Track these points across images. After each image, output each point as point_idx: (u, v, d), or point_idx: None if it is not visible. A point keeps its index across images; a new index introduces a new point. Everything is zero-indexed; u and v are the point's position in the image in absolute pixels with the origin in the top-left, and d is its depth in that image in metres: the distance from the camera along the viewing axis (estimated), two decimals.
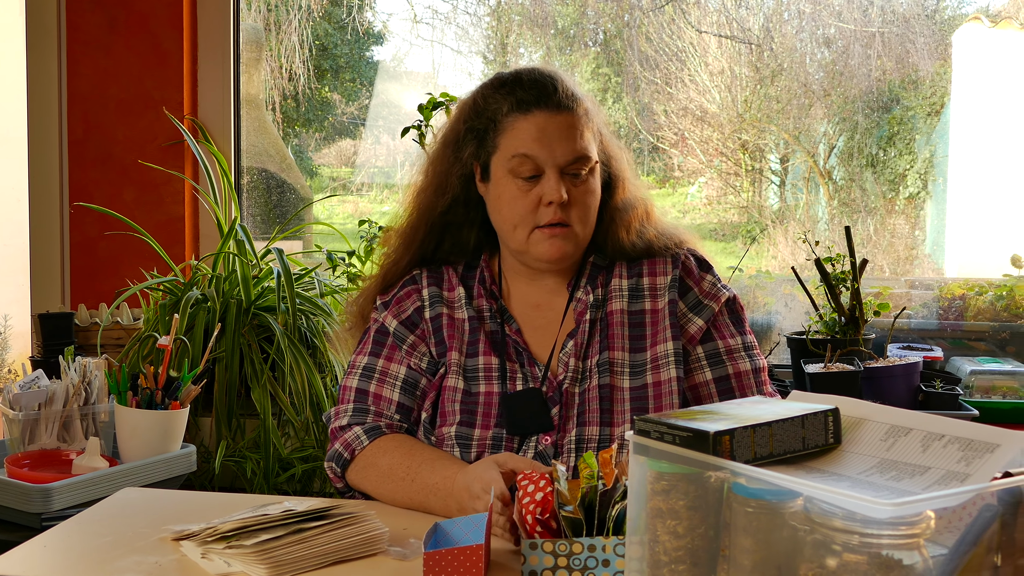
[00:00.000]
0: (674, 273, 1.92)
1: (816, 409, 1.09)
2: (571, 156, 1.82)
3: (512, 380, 1.86)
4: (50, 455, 2.33)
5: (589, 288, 1.92)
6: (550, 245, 1.84)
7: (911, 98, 3.98)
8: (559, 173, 1.82)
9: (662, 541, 1.06)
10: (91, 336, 3.02)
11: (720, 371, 1.90)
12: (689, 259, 1.96)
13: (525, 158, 1.82)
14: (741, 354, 1.92)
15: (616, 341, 1.88)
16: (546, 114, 1.83)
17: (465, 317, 1.92)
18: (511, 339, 1.90)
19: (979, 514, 0.94)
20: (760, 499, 0.99)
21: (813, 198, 4.23)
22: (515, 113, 1.84)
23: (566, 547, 1.34)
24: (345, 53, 4.41)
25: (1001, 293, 3.47)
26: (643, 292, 1.92)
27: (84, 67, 3.43)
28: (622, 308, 1.90)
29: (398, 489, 1.78)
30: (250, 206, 3.85)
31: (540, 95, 1.84)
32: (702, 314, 1.91)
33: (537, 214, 1.83)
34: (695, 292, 1.93)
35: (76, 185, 3.45)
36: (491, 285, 1.96)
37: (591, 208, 1.87)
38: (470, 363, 1.88)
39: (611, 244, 1.94)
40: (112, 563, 1.48)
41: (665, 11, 4.19)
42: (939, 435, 1.02)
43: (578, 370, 1.86)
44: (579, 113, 1.85)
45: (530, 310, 1.94)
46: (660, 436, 1.06)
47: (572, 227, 1.84)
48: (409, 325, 1.95)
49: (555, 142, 1.81)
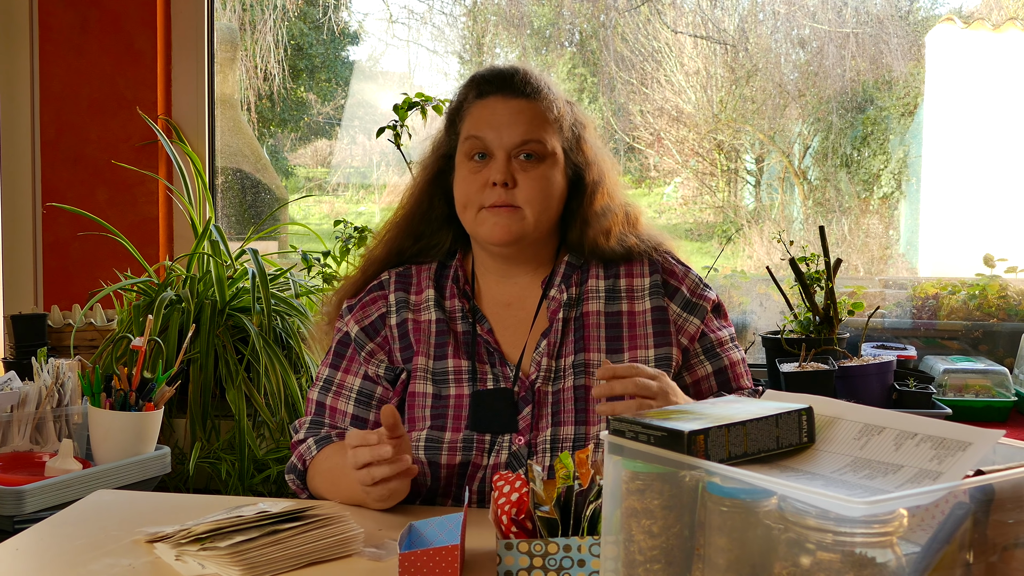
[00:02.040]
0: (654, 277, 1.93)
1: (790, 408, 1.09)
2: (518, 139, 1.84)
3: (483, 381, 1.86)
4: (22, 457, 2.31)
5: (563, 287, 1.92)
6: (494, 224, 1.85)
7: (885, 98, 4.00)
8: (507, 156, 1.85)
9: (637, 540, 1.06)
10: (64, 337, 3.00)
11: (717, 363, 1.94)
12: (668, 261, 1.97)
13: (476, 139, 1.87)
14: (730, 345, 1.97)
15: (592, 342, 1.88)
16: (500, 99, 1.87)
17: (432, 319, 1.92)
18: (482, 339, 1.89)
19: (951, 512, 0.95)
20: (734, 498, 0.99)
21: (788, 198, 4.25)
22: (475, 100, 1.90)
23: (541, 547, 1.34)
24: (321, 53, 4.39)
25: (974, 292, 3.50)
26: (620, 294, 1.92)
27: (56, 67, 3.41)
28: (599, 310, 1.91)
29: (337, 488, 1.80)
30: (225, 206, 3.84)
31: (500, 84, 1.88)
32: (696, 313, 1.93)
33: (483, 194, 1.86)
34: (684, 292, 1.94)
35: (49, 185, 3.43)
36: (464, 284, 1.96)
37: (542, 192, 1.86)
38: (438, 366, 1.88)
39: (587, 247, 1.94)
40: (85, 566, 1.47)
41: (641, 11, 4.19)
42: (912, 433, 1.03)
43: (551, 369, 1.86)
44: (538, 102, 1.88)
45: (501, 309, 1.94)
46: (635, 436, 1.06)
47: (520, 209, 1.85)
48: (371, 332, 1.95)
49: (505, 125, 1.85)
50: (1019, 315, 3.46)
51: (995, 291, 3.48)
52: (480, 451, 1.80)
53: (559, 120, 1.90)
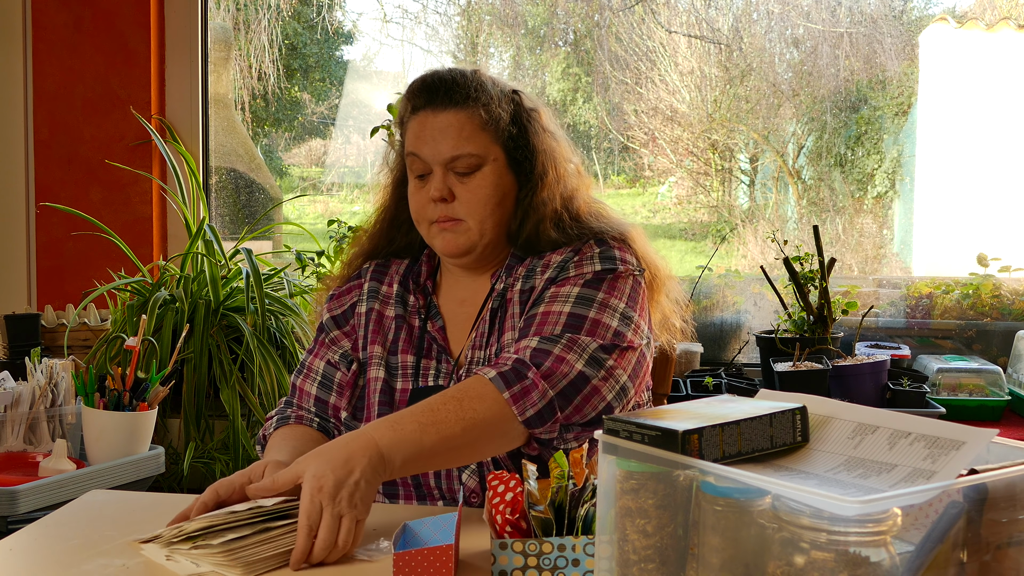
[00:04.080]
0: (567, 254, 1.88)
1: (784, 407, 1.09)
2: (450, 153, 1.83)
3: (425, 377, 1.88)
4: (16, 457, 2.31)
5: (504, 277, 1.92)
6: (442, 240, 1.86)
7: (879, 98, 4.01)
8: (444, 170, 1.84)
9: (631, 540, 1.06)
10: (58, 337, 3.00)
11: (533, 310, 1.80)
12: (592, 244, 1.88)
13: (414, 157, 1.86)
14: (567, 299, 1.78)
15: (509, 322, 1.87)
16: (429, 113, 1.85)
17: (394, 315, 1.95)
18: (430, 335, 1.91)
19: (945, 511, 0.95)
20: (728, 497, 0.99)
21: (782, 197, 4.26)
22: (410, 115, 1.88)
23: (536, 547, 1.34)
24: (315, 52, 4.39)
25: (967, 291, 3.51)
26: (536, 271, 1.89)
27: (50, 66, 3.40)
28: (519, 289, 1.89)
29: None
30: (219, 206, 3.83)
31: (428, 97, 1.86)
32: (559, 272, 1.84)
33: (428, 210, 1.86)
34: (573, 262, 1.86)
35: (42, 185, 3.42)
36: (425, 280, 1.98)
37: (481, 202, 1.85)
38: (392, 360, 1.91)
39: (521, 237, 1.90)
40: (79, 566, 1.46)
41: (635, 11, 4.20)
42: (905, 433, 1.03)
43: (478, 360, 1.86)
44: (467, 110, 1.84)
45: (455, 306, 1.96)
46: (629, 435, 1.06)
47: (464, 221, 1.85)
48: (340, 320, 2.00)
49: (435, 140, 1.83)
50: (1012, 314, 3.47)
51: (989, 290, 3.48)
52: None
53: (495, 121, 1.86)
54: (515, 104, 1.92)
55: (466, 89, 1.86)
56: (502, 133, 1.88)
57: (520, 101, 1.93)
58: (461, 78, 1.87)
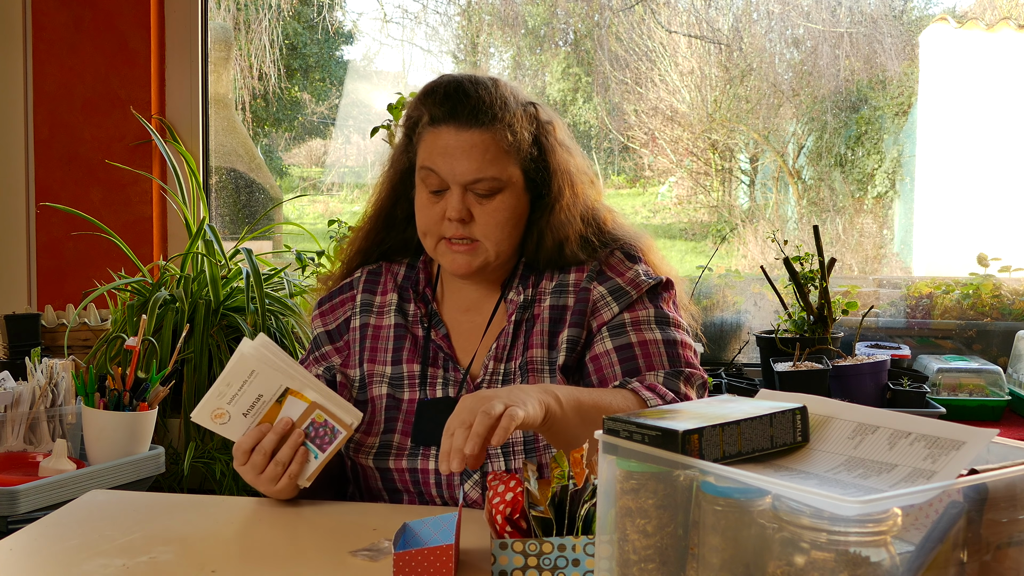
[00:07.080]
0: (593, 265, 1.88)
1: (784, 407, 1.09)
2: (473, 176, 1.78)
3: (432, 386, 1.85)
4: (16, 457, 2.31)
5: (520, 288, 1.90)
6: (453, 259, 1.82)
7: (879, 98, 4.01)
8: (463, 190, 1.79)
9: (631, 540, 1.06)
10: (58, 337, 3.00)
11: (621, 340, 1.83)
12: (615, 254, 1.90)
13: (431, 172, 1.80)
14: (650, 325, 1.84)
15: (536, 338, 1.85)
16: (453, 130, 1.79)
17: (392, 324, 1.92)
18: (434, 344, 1.89)
19: (945, 511, 0.95)
20: (729, 497, 0.99)
21: (782, 197, 4.26)
22: (429, 126, 1.82)
23: (536, 547, 1.34)
24: (315, 52, 4.39)
25: (968, 291, 3.51)
26: (568, 288, 1.88)
27: (50, 66, 3.40)
28: (548, 305, 1.87)
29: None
30: (219, 206, 3.83)
31: (451, 110, 1.79)
32: (620, 300, 1.85)
33: (441, 226, 1.82)
34: (616, 280, 1.87)
35: (42, 185, 3.42)
36: (424, 288, 1.95)
37: (499, 225, 1.82)
38: (395, 371, 1.88)
39: (543, 257, 1.89)
40: (79, 566, 1.46)
41: (635, 11, 4.20)
42: (906, 433, 1.03)
43: (498, 372, 1.84)
44: (493, 131, 1.79)
45: (460, 314, 1.93)
46: (629, 435, 1.06)
47: (479, 242, 1.82)
48: (334, 335, 1.98)
49: (459, 160, 1.78)
50: (1013, 314, 3.47)
51: (989, 290, 3.48)
52: (426, 456, 1.79)
53: (517, 143, 1.82)
54: (533, 120, 1.87)
55: (492, 109, 1.80)
56: (523, 155, 1.84)
57: (537, 115, 1.88)
58: (487, 95, 1.81)
